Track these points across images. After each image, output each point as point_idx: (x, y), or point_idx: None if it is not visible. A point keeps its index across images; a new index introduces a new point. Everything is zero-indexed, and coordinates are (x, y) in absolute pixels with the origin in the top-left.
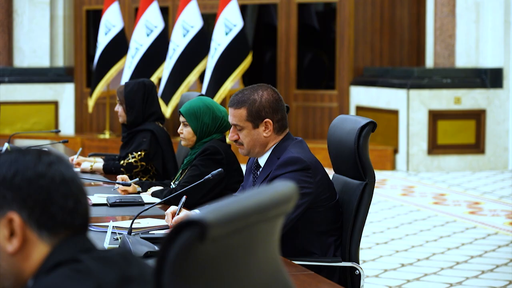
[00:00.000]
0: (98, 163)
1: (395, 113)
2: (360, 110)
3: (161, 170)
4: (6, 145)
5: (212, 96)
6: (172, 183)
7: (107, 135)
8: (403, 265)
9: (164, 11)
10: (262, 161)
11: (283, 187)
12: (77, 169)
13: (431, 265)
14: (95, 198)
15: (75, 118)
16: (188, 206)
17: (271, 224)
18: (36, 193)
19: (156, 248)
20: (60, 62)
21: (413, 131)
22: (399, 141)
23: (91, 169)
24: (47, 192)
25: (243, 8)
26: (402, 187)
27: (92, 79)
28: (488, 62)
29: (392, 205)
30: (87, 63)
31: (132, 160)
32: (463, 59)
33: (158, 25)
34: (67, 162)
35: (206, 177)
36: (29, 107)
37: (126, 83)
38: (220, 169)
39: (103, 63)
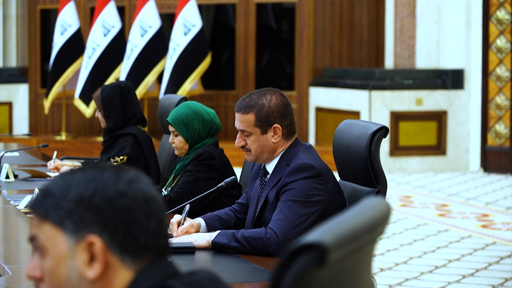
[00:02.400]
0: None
1: (356, 114)
2: (320, 111)
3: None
4: None
5: None
6: (163, 190)
7: (63, 136)
8: (382, 269)
9: (121, 10)
10: (270, 167)
11: (378, 203)
12: (56, 174)
13: (410, 270)
14: None
15: (29, 119)
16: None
17: (374, 245)
18: (117, 213)
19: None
20: (13, 63)
21: None
22: None
23: None
24: (129, 213)
25: (198, 8)
26: None
27: (48, 79)
28: (449, 63)
29: None
30: (41, 64)
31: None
32: (424, 60)
33: (115, 25)
34: (146, 179)
35: (219, 185)
36: None
37: (102, 87)
38: (233, 177)
39: (59, 63)
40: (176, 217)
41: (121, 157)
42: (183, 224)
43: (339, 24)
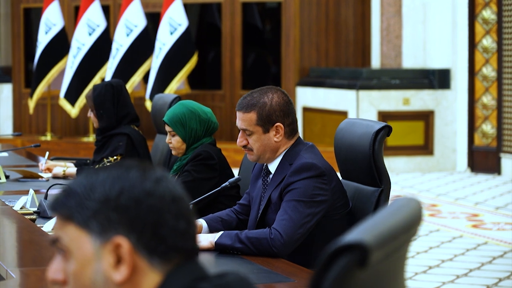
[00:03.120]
0: (71, 168)
1: (343, 114)
2: (307, 111)
3: None
4: None
5: None
6: None
7: (48, 137)
8: None
9: (105, 9)
10: (272, 167)
11: (411, 203)
12: (48, 175)
13: None
14: None
15: (13, 119)
16: None
17: (408, 246)
18: (145, 213)
19: None
20: None
21: None
22: None
23: (64, 174)
24: (157, 213)
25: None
26: None
27: (32, 79)
28: (435, 63)
29: None
30: (25, 63)
31: (108, 165)
32: (410, 60)
33: (100, 24)
34: (173, 178)
35: (224, 184)
36: None
37: (93, 87)
38: (238, 177)
39: (43, 63)
40: None
41: (115, 157)
42: None
43: (325, 24)
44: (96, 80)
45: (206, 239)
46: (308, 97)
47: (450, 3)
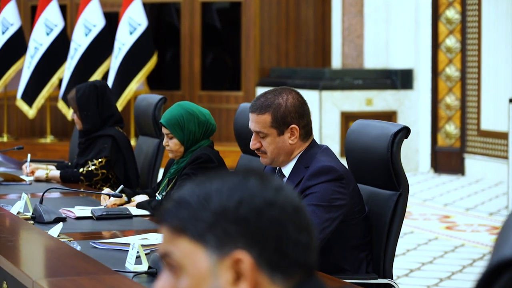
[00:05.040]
0: (53, 171)
1: None
2: None
3: (123, 178)
4: None
5: (117, 98)
6: (157, 194)
7: (5, 138)
8: None
9: (62, 9)
10: (286, 170)
11: None
12: (31, 178)
13: None
14: (77, 210)
15: None
16: None
17: None
18: (267, 226)
19: None
20: None
21: (325, 133)
22: None
23: (46, 177)
24: (279, 225)
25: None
26: None
27: None
28: (398, 63)
29: None
30: None
31: (93, 168)
32: (372, 60)
33: (58, 23)
34: (290, 186)
35: None
36: None
37: (76, 88)
38: None
39: (0, 63)
40: None
41: (100, 160)
42: None
43: (286, 23)
44: (54, 80)
45: None
46: None
47: (413, 3)
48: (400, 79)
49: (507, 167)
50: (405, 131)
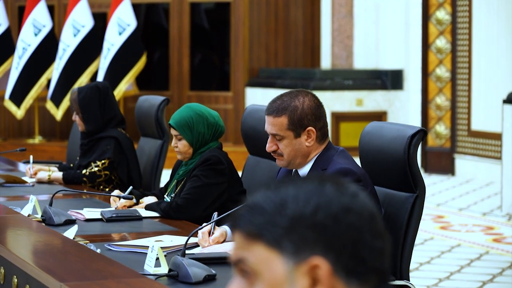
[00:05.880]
0: (56, 172)
1: None
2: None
3: (126, 180)
4: None
5: None
6: (165, 196)
7: None
8: None
9: (50, 9)
10: (302, 172)
11: None
12: (33, 180)
13: None
14: (86, 212)
15: None
16: (190, 219)
17: None
18: (344, 232)
19: (213, 271)
20: None
21: None
22: None
23: (49, 179)
24: (356, 230)
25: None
26: None
27: None
28: (388, 63)
29: None
30: None
31: (96, 169)
32: (362, 61)
33: (46, 24)
34: (364, 192)
35: None
36: None
37: (78, 89)
38: None
39: None
40: (205, 226)
41: (103, 161)
42: (213, 233)
43: (275, 24)
44: (42, 81)
45: None
46: (258, 98)
47: (403, 4)
48: (391, 80)
49: (500, 167)
50: (422, 134)
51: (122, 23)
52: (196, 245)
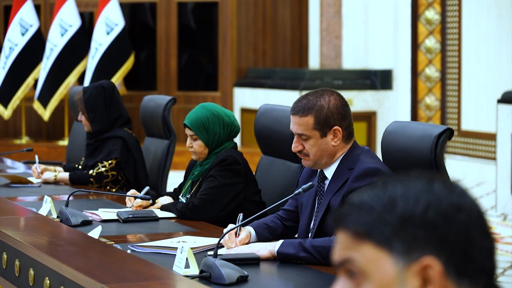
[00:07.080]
0: (62, 173)
1: None
2: (246, 112)
3: (133, 180)
4: None
5: None
6: (181, 196)
7: None
8: None
9: (36, 9)
10: (329, 172)
11: None
12: (39, 180)
13: None
14: (102, 213)
15: None
16: (207, 220)
17: None
18: (454, 231)
19: (245, 272)
20: None
21: None
22: None
23: (55, 179)
24: (467, 229)
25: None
26: None
27: None
28: (377, 63)
29: None
30: None
31: (103, 170)
32: (351, 61)
33: (33, 23)
34: (471, 190)
35: (297, 191)
36: None
37: (83, 89)
38: (310, 183)
39: None
40: (231, 227)
41: (110, 161)
42: (239, 234)
43: (263, 23)
44: (29, 81)
45: (264, 248)
46: (246, 98)
47: (392, 4)
48: (380, 80)
49: (495, 167)
50: (448, 133)
51: (110, 23)
52: (221, 246)
